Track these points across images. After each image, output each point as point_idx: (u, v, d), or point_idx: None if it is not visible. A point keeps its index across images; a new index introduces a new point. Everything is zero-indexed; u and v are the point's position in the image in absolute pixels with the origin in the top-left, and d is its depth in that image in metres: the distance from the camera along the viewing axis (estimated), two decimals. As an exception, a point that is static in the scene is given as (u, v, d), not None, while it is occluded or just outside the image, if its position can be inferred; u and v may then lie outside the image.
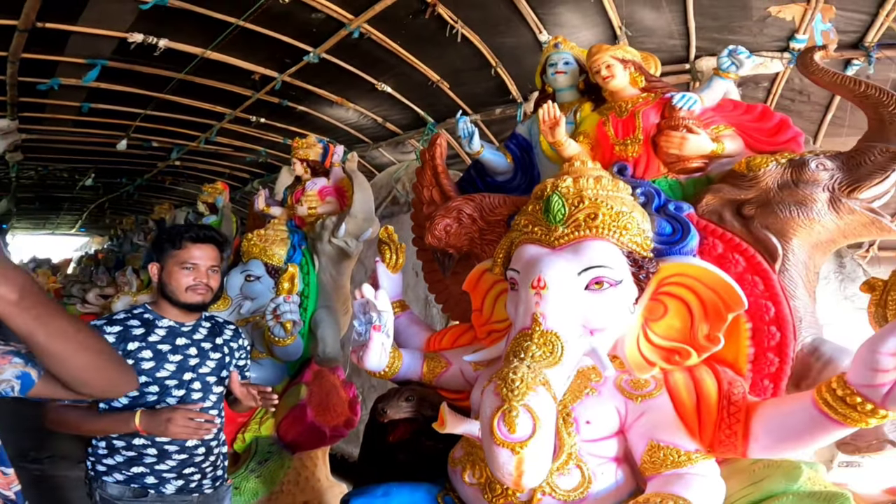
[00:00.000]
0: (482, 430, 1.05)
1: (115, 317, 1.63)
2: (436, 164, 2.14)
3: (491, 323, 1.61)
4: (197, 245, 1.66)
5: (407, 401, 1.64)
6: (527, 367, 1.05)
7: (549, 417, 1.01)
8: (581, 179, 1.35)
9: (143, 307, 1.69)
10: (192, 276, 1.64)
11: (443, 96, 4.13)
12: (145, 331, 1.62)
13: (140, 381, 1.56)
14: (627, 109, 1.75)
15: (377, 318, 1.50)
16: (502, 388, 1.00)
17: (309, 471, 2.59)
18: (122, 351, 1.55)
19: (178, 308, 1.67)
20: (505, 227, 1.78)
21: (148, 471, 1.59)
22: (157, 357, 1.60)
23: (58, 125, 4.92)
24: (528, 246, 1.34)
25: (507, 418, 0.97)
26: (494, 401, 1.01)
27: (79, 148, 5.77)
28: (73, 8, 2.82)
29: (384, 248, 1.89)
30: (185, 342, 1.67)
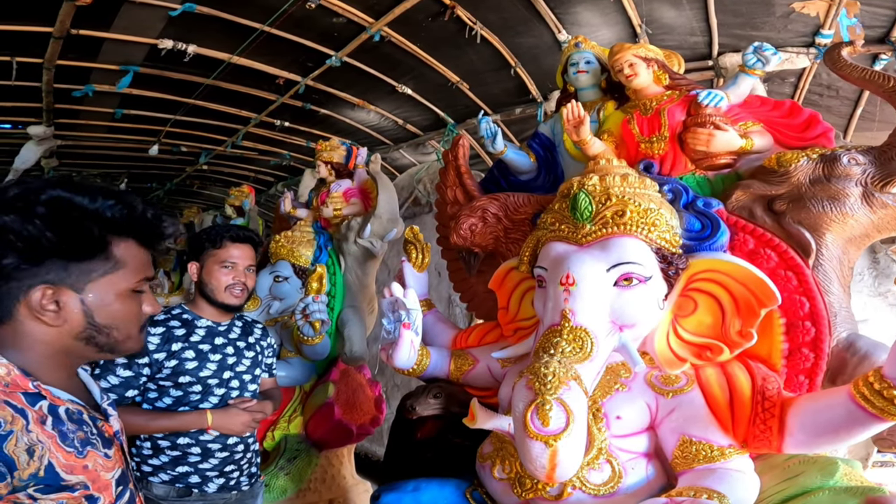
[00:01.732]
0: (515, 424, 1.07)
1: (156, 318, 1.67)
2: (459, 165, 2.16)
3: (517, 320, 1.63)
4: (236, 244, 1.71)
5: (435, 398, 1.66)
6: (558, 362, 1.06)
7: (582, 411, 1.02)
8: (607, 177, 1.36)
9: (180, 307, 1.73)
10: (232, 274, 1.69)
11: (462, 97, 4.16)
12: (186, 331, 1.66)
13: (184, 380, 1.62)
14: (652, 107, 1.74)
15: (406, 316, 1.53)
16: (534, 382, 1.02)
17: (335, 468, 2.63)
18: (165, 352, 1.60)
19: (215, 307, 1.71)
20: (530, 226, 1.79)
21: (192, 470, 1.63)
22: (199, 357, 1.65)
23: (92, 131, 5.07)
24: (555, 243, 1.35)
25: (540, 412, 0.98)
26: (527, 395, 1.02)
27: (112, 154, 5.94)
28: (106, 15, 2.92)
29: (410, 247, 1.91)
30: (222, 341, 1.72)
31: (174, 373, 1.61)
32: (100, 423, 0.87)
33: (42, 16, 2.81)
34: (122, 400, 1.56)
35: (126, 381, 1.56)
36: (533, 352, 1.23)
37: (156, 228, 0.92)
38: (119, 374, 1.56)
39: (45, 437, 0.75)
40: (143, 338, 0.94)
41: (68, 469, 0.76)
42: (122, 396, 1.56)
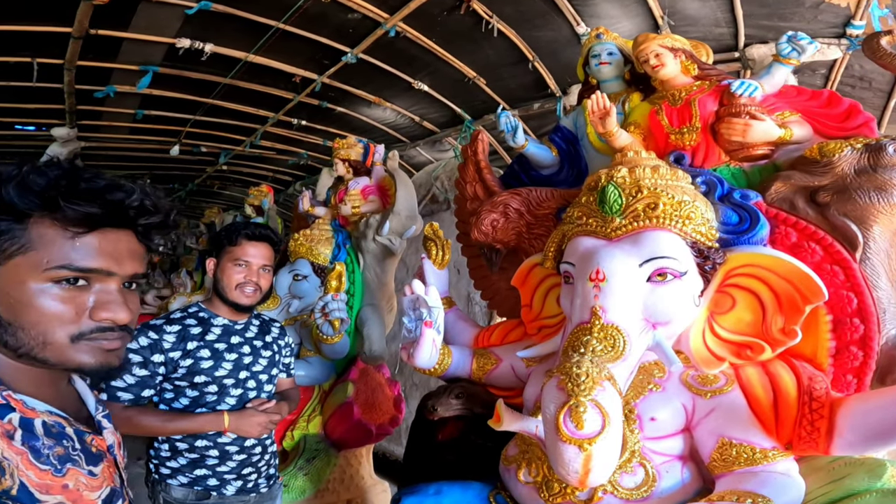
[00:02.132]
0: (545, 427, 1.02)
1: (172, 316, 1.66)
2: (478, 160, 2.12)
3: (541, 318, 1.58)
4: (252, 243, 1.67)
5: (457, 398, 1.61)
6: (590, 361, 1.00)
7: (618, 413, 0.97)
8: (637, 169, 1.30)
9: (197, 305, 1.71)
10: (244, 273, 1.65)
11: (479, 93, 4.10)
12: (202, 330, 1.64)
13: (200, 380, 1.59)
14: (681, 98, 1.68)
15: (427, 314, 1.48)
16: (566, 382, 0.97)
17: (353, 469, 2.61)
18: (180, 350, 1.58)
19: (228, 306, 1.69)
20: (554, 221, 1.74)
21: (210, 473, 1.61)
22: (215, 356, 1.63)
23: (114, 132, 5.13)
24: (582, 238, 1.30)
25: (573, 414, 0.93)
26: (559, 396, 0.97)
27: (134, 155, 6.00)
28: (124, 15, 2.94)
29: (430, 244, 1.88)
30: (238, 340, 1.70)
31: (189, 372, 1.59)
32: (87, 438, 0.77)
33: (61, 16, 2.83)
34: (138, 400, 1.55)
35: (142, 381, 1.54)
36: (561, 350, 1.17)
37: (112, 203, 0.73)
38: (135, 374, 1.54)
39: (12, 454, 0.66)
40: (80, 351, 0.73)
41: (43, 489, 0.67)
42: (138, 396, 1.54)
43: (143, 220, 0.77)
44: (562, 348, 1.18)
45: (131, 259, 0.78)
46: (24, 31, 2.89)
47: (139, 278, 0.80)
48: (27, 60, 3.22)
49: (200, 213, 6.11)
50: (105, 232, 0.74)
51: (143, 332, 1.57)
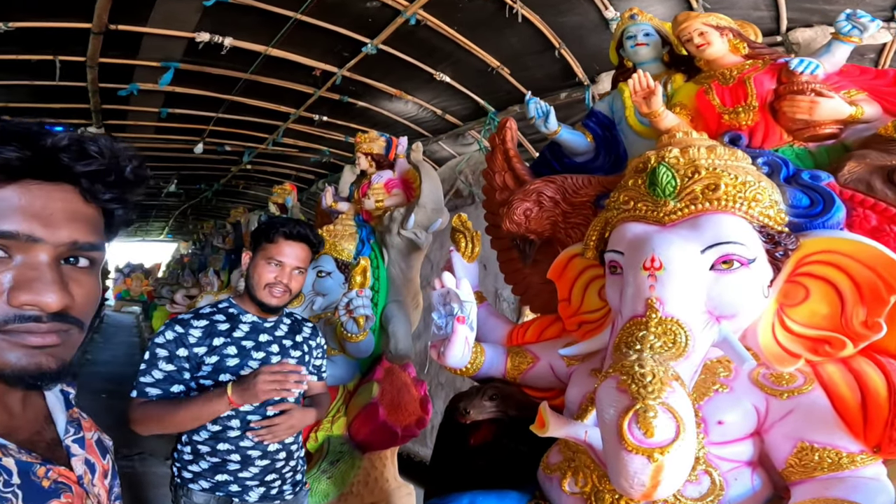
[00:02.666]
0: (604, 434, 0.90)
1: (201, 310, 1.61)
2: (507, 148, 2.02)
3: (581, 313, 1.46)
4: (289, 242, 1.59)
5: (491, 400, 1.50)
6: (652, 359, 0.89)
7: (691, 417, 0.85)
8: (691, 149, 1.18)
9: (227, 301, 1.65)
10: (276, 273, 1.58)
11: (503, 83, 3.97)
12: (230, 326, 1.58)
13: (225, 379, 1.52)
14: (733, 76, 1.56)
15: (459, 309, 1.38)
16: (629, 383, 0.85)
17: (378, 471, 2.53)
18: (206, 346, 1.52)
19: (255, 304, 1.62)
20: (592, 209, 1.63)
21: (232, 479, 1.55)
22: (242, 354, 1.56)
23: (140, 132, 5.16)
24: (630, 224, 1.18)
25: (641, 420, 0.82)
26: (620, 399, 0.86)
27: (161, 155, 6.05)
28: (142, 9, 2.92)
29: (459, 236, 1.78)
30: (267, 339, 1.62)
31: (215, 370, 1.52)
32: (38, 469, 0.59)
33: (80, 11, 2.81)
34: (167, 395, 1.49)
35: (169, 376, 1.49)
36: (612, 348, 1.06)
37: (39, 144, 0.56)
38: (162, 368, 1.49)
39: None
40: None
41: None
42: (167, 392, 1.49)
43: (82, 166, 0.59)
44: (612, 345, 1.06)
45: (70, 222, 0.59)
46: (44, 28, 2.89)
47: (87, 250, 0.60)
48: (49, 58, 3.22)
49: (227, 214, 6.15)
50: (29, 185, 0.56)
51: (171, 326, 1.54)
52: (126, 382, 1.55)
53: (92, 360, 8.07)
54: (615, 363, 0.92)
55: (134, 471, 3.97)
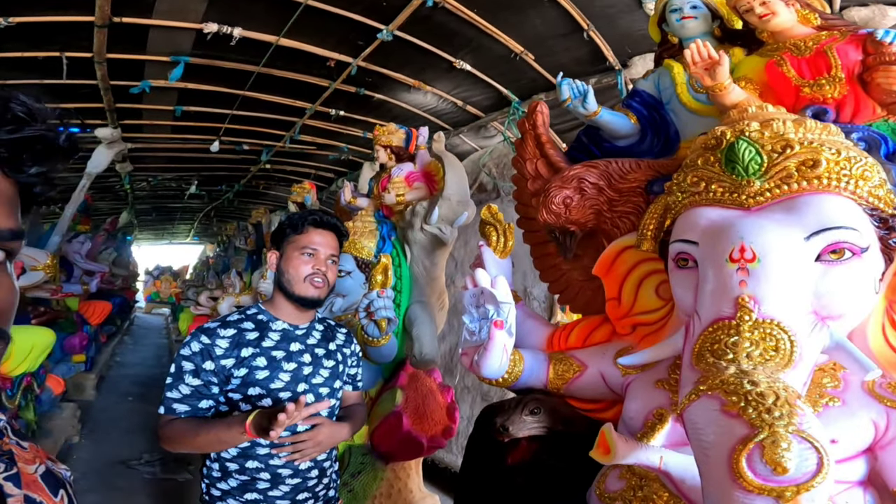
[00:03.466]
0: (706, 468, 0.72)
1: (229, 318, 1.50)
2: (539, 133, 1.84)
3: (634, 314, 1.27)
4: (319, 230, 1.52)
5: (532, 414, 1.32)
6: (764, 373, 0.70)
7: (829, 446, 0.67)
8: (775, 122, 0.98)
9: (256, 307, 1.54)
10: (312, 263, 1.49)
11: (527, 70, 3.76)
12: (259, 334, 1.47)
13: (254, 393, 1.41)
14: (809, 47, 1.38)
15: (495, 311, 1.20)
16: (744, 407, 0.67)
17: (402, 482, 2.38)
18: (234, 358, 1.41)
19: (294, 303, 1.51)
20: (644, 196, 1.43)
21: (261, 497, 1.44)
22: (272, 366, 1.44)
23: (157, 132, 5.10)
24: (703, 209, 0.99)
25: (769, 453, 0.63)
26: (732, 427, 0.67)
27: (180, 156, 6.01)
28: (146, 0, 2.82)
29: (489, 229, 1.60)
30: (299, 347, 1.50)
31: (244, 384, 1.41)
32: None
33: (81, 4, 2.71)
34: (196, 412, 1.39)
35: (197, 391, 1.39)
36: (691, 356, 0.87)
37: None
38: (189, 383, 1.39)
39: None
40: None
41: None
42: (195, 408, 1.39)
43: (5, 133, 0.48)
44: (690, 354, 0.87)
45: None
46: (46, 23, 2.79)
47: (9, 239, 0.51)
48: (56, 55, 3.13)
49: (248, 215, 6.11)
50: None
51: (197, 336, 1.43)
52: (153, 385, 1.46)
53: (121, 363, 8.14)
54: (709, 378, 0.74)
55: (154, 476, 3.91)
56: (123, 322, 9.47)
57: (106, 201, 8.27)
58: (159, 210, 10.25)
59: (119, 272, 8.96)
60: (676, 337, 1.01)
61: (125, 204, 8.58)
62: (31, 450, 0.64)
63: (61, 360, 4.85)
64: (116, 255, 8.88)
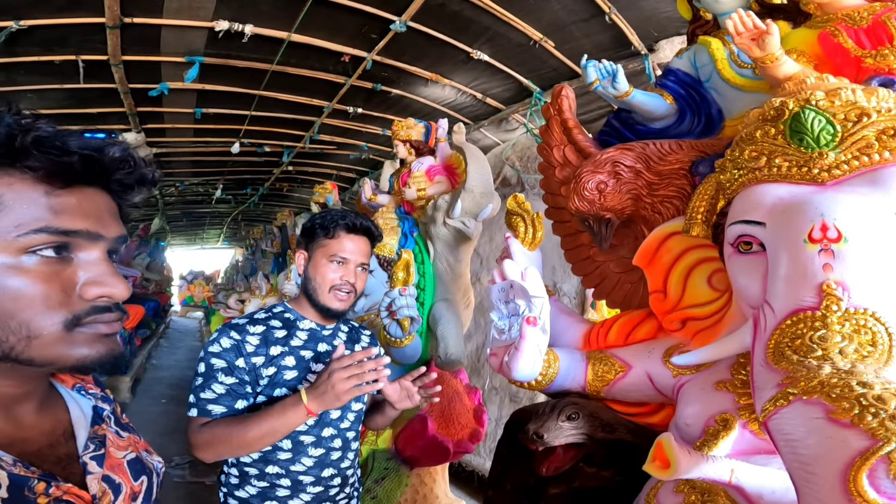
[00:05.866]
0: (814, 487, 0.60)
1: (256, 315, 1.44)
2: (565, 119, 1.75)
3: (683, 308, 1.15)
4: (351, 236, 1.43)
5: (569, 420, 1.20)
6: (874, 374, 0.58)
7: None
8: (843, 91, 0.86)
9: (282, 305, 1.48)
10: (341, 272, 1.41)
11: (548, 58, 3.62)
12: (287, 333, 1.41)
13: (281, 394, 1.34)
14: (865, 18, 1.26)
15: (527, 307, 1.10)
16: (858, 413, 0.55)
17: (427, 488, 2.29)
18: (263, 356, 1.34)
19: (316, 310, 1.44)
20: (687, 178, 1.31)
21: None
22: (300, 366, 1.38)
23: (179, 135, 5.11)
24: (767, 186, 0.87)
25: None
26: (846, 438, 0.57)
27: (204, 160, 6.03)
28: (154, -1, 2.81)
29: (516, 220, 1.49)
30: (326, 348, 1.44)
31: (271, 384, 1.34)
32: (35, 485, 0.56)
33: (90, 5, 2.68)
34: (232, 412, 1.31)
35: (232, 390, 1.31)
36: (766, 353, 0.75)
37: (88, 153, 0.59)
38: (222, 381, 1.31)
39: None
40: (77, 343, 0.58)
41: None
42: (231, 409, 1.31)
43: (121, 173, 0.64)
44: (765, 351, 0.75)
45: (113, 219, 0.65)
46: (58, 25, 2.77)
47: (122, 243, 0.66)
48: (72, 58, 3.12)
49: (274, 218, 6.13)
50: (82, 189, 0.61)
51: (225, 332, 1.36)
52: (186, 387, 1.41)
53: (157, 365, 8.27)
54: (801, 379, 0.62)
55: (184, 479, 3.91)
56: (158, 326, 9.60)
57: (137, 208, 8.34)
58: (189, 215, 10.36)
59: (152, 276, 9.13)
60: (742, 332, 0.89)
61: (156, 210, 8.70)
62: (129, 440, 0.76)
63: None
64: (150, 260, 9.06)
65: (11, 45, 2.86)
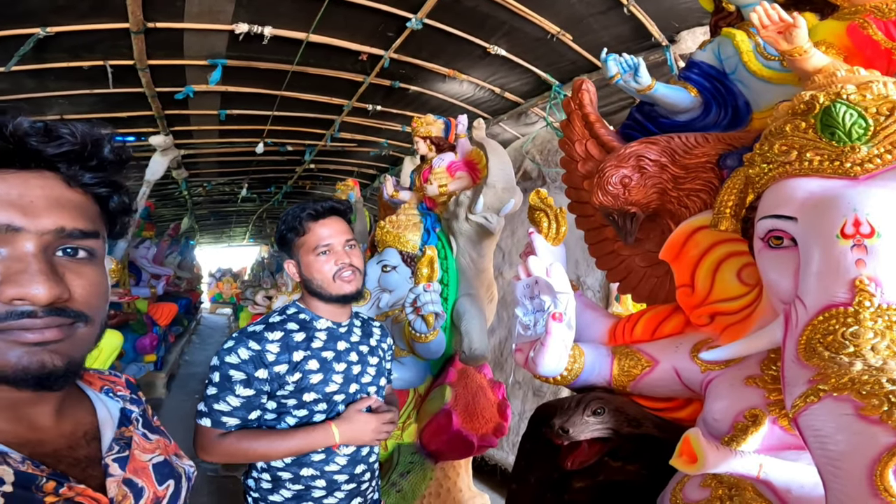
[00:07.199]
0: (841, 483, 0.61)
1: (271, 319, 1.41)
2: (586, 112, 1.73)
3: (712, 302, 1.14)
4: (321, 222, 1.39)
5: (595, 415, 1.21)
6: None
7: None
8: (874, 84, 0.84)
9: (295, 305, 1.46)
10: (332, 258, 1.38)
11: (566, 52, 3.58)
12: (306, 335, 1.39)
13: (309, 398, 1.34)
14: (893, 10, 1.23)
15: (552, 302, 1.10)
16: (887, 410, 0.56)
17: (451, 481, 2.31)
18: (286, 363, 1.32)
19: (333, 303, 1.42)
20: (714, 171, 1.30)
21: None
22: (324, 368, 1.37)
23: (205, 137, 5.21)
24: (798, 180, 0.86)
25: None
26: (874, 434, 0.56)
27: (230, 160, 6.13)
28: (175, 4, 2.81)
29: (539, 215, 1.49)
30: (345, 346, 1.43)
31: (298, 389, 1.33)
32: (43, 484, 0.53)
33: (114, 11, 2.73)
34: (245, 424, 1.31)
35: (248, 402, 1.30)
36: (799, 350, 0.74)
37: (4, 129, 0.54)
38: (239, 394, 1.29)
39: None
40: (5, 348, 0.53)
41: None
42: (245, 420, 1.31)
43: (53, 148, 0.56)
44: (797, 347, 0.75)
45: (53, 208, 0.56)
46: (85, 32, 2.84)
47: (79, 238, 0.58)
48: (100, 63, 3.20)
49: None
50: (3, 174, 0.54)
51: (242, 341, 1.32)
52: None
53: (189, 361, 8.44)
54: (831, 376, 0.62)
55: (217, 475, 3.98)
56: (190, 322, 9.80)
57: (168, 208, 8.61)
58: (216, 214, 10.55)
59: (183, 275, 9.35)
60: (773, 327, 0.88)
61: (185, 210, 8.89)
62: (157, 442, 0.74)
63: (133, 361, 5.03)
64: (181, 259, 9.28)
65: (40, 52, 2.94)
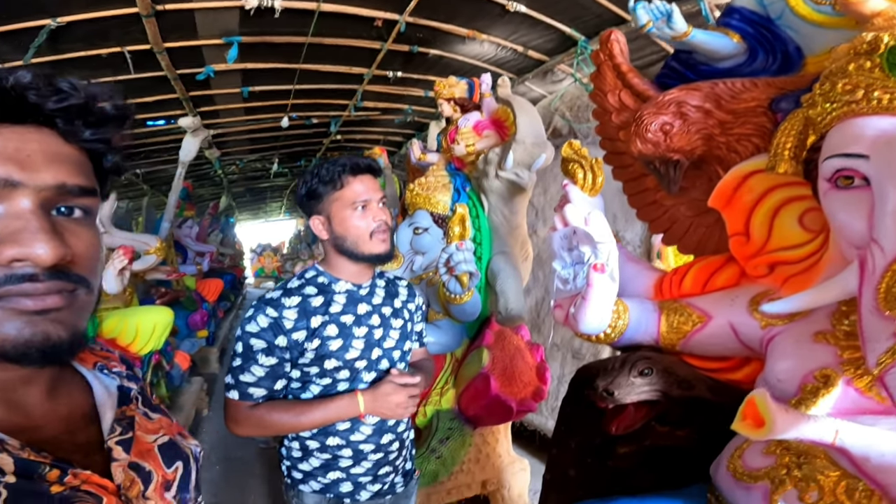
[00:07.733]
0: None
1: (289, 285, 1.38)
2: (617, 63, 1.63)
3: (771, 251, 1.04)
4: (359, 178, 1.35)
5: (642, 376, 1.14)
6: None
7: None
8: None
9: (314, 269, 1.42)
10: (370, 214, 1.35)
11: (590, 5, 3.34)
12: (324, 299, 1.36)
13: (330, 366, 1.32)
14: None
15: (592, 253, 1.03)
16: None
17: (490, 447, 2.31)
18: (304, 329, 1.30)
19: (362, 263, 1.38)
20: (767, 115, 1.18)
21: (344, 476, 1.39)
22: (343, 333, 1.35)
23: (232, 116, 5.22)
24: (868, 118, 0.77)
25: None
26: None
27: (258, 136, 6.15)
28: (180, -18, 2.79)
29: (573, 167, 1.39)
30: (366, 309, 1.40)
31: (318, 356, 1.31)
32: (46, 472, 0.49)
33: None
34: (272, 395, 1.31)
35: (272, 371, 1.29)
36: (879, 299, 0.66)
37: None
38: (262, 364, 1.29)
39: None
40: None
41: None
42: (271, 390, 1.31)
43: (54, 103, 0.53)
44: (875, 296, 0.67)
45: (52, 163, 0.52)
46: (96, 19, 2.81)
47: (79, 195, 0.54)
48: (118, 50, 3.18)
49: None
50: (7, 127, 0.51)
51: (261, 308, 1.31)
52: None
53: None
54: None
55: (268, 446, 4.06)
56: (236, 297, 10.02)
57: (205, 188, 8.81)
58: (251, 191, 10.71)
59: (226, 251, 9.61)
60: (845, 275, 0.79)
61: (222, 188, 9.07)
62: (159, 422, 0.69)
63: (187, 337, 5.17)
64: (223, 237, 9.54)
65: (55, 43, 2.94)
